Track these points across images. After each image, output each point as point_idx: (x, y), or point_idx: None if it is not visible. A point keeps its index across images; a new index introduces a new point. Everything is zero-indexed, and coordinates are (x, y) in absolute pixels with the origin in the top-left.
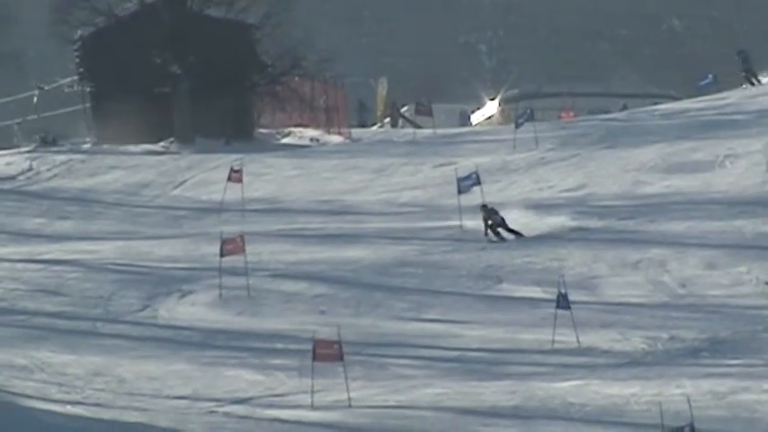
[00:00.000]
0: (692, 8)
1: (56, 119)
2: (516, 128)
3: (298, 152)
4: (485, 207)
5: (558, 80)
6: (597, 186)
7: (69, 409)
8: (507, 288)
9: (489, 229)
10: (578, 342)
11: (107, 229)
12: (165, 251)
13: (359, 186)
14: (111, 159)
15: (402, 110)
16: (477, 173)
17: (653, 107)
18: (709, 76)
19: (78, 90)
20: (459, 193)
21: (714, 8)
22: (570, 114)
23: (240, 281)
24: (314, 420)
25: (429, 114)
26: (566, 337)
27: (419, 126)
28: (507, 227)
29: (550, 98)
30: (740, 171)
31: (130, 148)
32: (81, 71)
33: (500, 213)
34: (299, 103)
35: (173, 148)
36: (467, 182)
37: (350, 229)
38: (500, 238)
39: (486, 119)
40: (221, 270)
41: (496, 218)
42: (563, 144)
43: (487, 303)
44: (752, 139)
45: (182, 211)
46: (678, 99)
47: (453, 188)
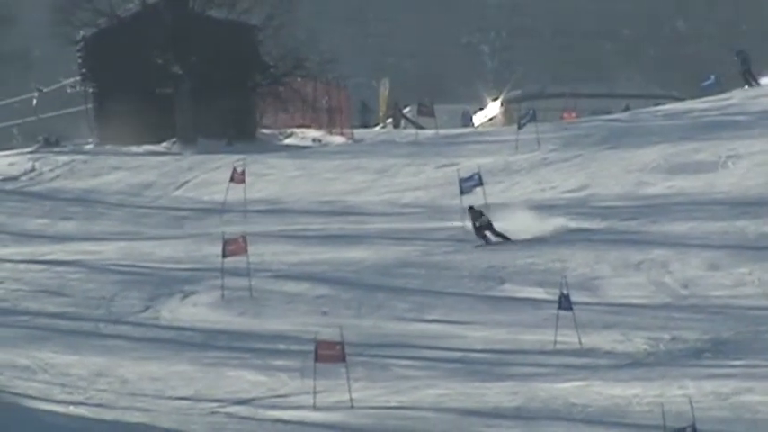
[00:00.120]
0: (695, 9)
1: (58, 119)
2: (519, 129)
3: (300, 153)
4: (471, 209)
5: (561, 81)
6: (599, 187)
7: (72, 409)
8: (509, 289)
9: (475, 231)
10: (580, 343)
11: (109, 230)
12: (168, 252)
13: (361, 187)
14: (114, 160)
15: (404, 110)
16: (480, 174)
17: (656, 108)
18: (712, 76)
19: (81, 91)
20: (462, 193)
21: (717, 9)
22: (573, 115)
23: (242, 281)
24: (316, 421)
25: (431, 115)
26: (568, 338)
27: (421, 127)
28: (494, 230)
29: (553, 99)
30: (743, 172)
31: (133, 149)
32: (83, 72)
33: (486, 216)
34: (301, 103)
35: (175, 148)
36: (469, 183)
37: (352, 229)
38: (486, 240)
39: (489, 120)
40: (223, 271)
41: (483, 220)
42: (565, 145)
43: (490, 304)
44: (754, 140)
45: (184, 212)
46: (681, 100)
47: (456, 189)
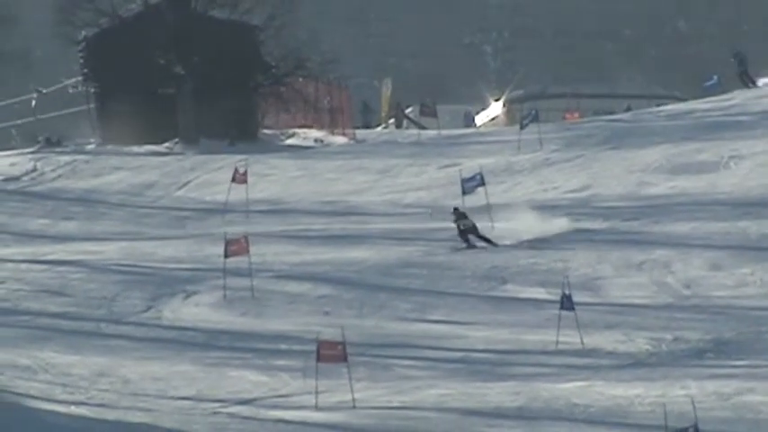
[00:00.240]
0: (697, 9)
1: (60, 119)
2: (521, 129)
3: (302, 153)
4: (456, 211)
5: (563, 81)
6: (602, 187)
7: (73, 409)
8: (512, 289)
9: (459, 234)
10: (582, 343)
11: (111, 230)
12: (169, 252)
13: (363, 187)
14: (116, 160)
15: (406, 111)
16: (482, 174)
17: (658, 108)
18: (714, 77)
19: (82, 91)
20: (464, 194)
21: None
22: (575, 115)
23: (244, 282)
24: (318, 421)
25: (433, 115)
26: (570, 338)
27: (423, 127)
28: (478, 233)
29: (555, 99)
30: (745, 172)
31: (134, 149)
32: (85, 72)
33: (470, 219)
34: (303, 103)
35: (177, 148)
36: (471, 183)
37: (354, 229)
38: (469, 244)
39: (491, 120)
40: (225, 271)
41: (467, 223)
42: (568, 145)
43: (492, 304)
44: (757, 140)
45: (186, 212)
46: (683, 100)
47: (458, 189)
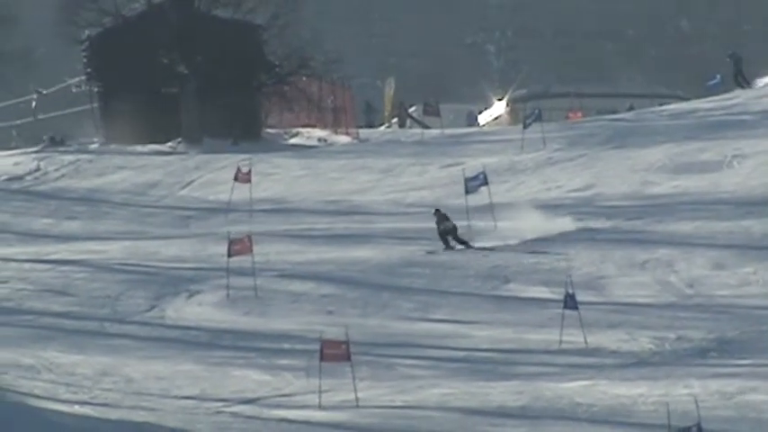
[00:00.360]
0: (699, 8)
1: (63, 119)
2: (524, 128)
3: (305, 152)
4: (438, 212)
5: (566, 81)
6: (605, 186)
7: (77, 408)
8: (515, 288)
9: (439, 235)
10: (586, 342)
11: (114, 229)
12: (173, 251)
13: (366, 186)
14: (119, 159)
15: (410, 110)
16: (485, 173)
17: (661, 107)
18: (717, 76)
19: (86, 90)
20: (467, 193)
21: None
22: (578, 115)
23: (248, 281)
24: (321, 420)
25: (437, 115)
26: (573, 338)
27: (427, 126)
28: (457, 236)
29: (558, 98)
30: (748, 171)
31: (138, 148)
32: (88, 71)
33: (451, 221)
34: (306, 103)
35: (180, 148)
36: (474, 182)
37: (357, 229)
38: (447, 246)
39: (494, 119)
40: (229, 270)
41: (447, 224)
42: (571, 144)
43: (495, 304)
44: (759, 140)
45: (189, 212)
46: (686, 99)
47: (461, 188)
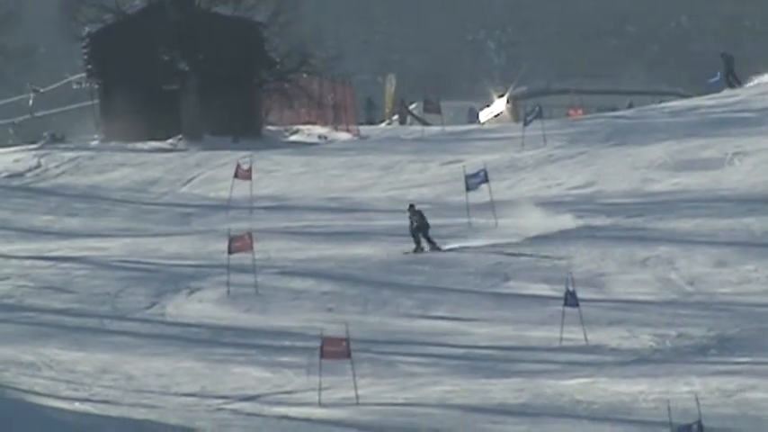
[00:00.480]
0: (700, 5)
1: (63, 116)
2: (525, 125)
3: (305, 149)
4: (412, 208)
5: (567, 77)
6: (605, 184)
7: (78, 406)
8: (515, 285)
9: (411, 232)
10: (586, 339)
11: (115, 226)
12: (173, 248)
13: (367, 184)
14: (119, 156)
15: (410, 107)
16: (486, 170)
17: (662, 104)
18: (718, 73)
19: (86, 87)
20: (468, 190)
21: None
22: (578, 112)
23: (248, 278)
24: (322, 417)
25: (437, 112)
26: (574, 335)
27: (427, 123)
28: (427, 235)
29: (559, 95)
30: (749, 168)
31: (138, 145)
32: (89, 68)
33: (426, 219)
34: (306, 100)
35: (181, 145)
36: (475, 179)
37: (358, 226)
38: (418, 246)
39: (495, 116)
40: (229, 267)
41: (422, 222)
42: (571, 141)
43: (495, 301)
44: (761, 137)
45: (190, 209)
46: (687, 96)
47: (461, 185)
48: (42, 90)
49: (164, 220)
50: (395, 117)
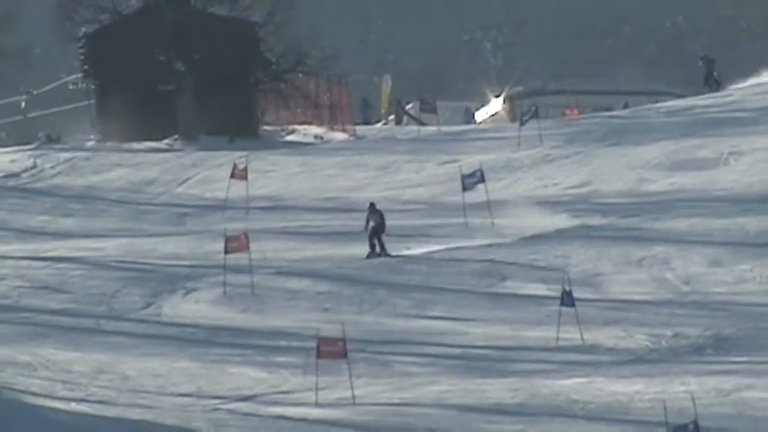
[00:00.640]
0: (696, 5)
1: (59, 116)
2: (521, 125)
3: (302, 149)
4: (372, 206)
5: (563, 77)
6: (601, 184)
7: (74, 406)
8: (511, 285)
9: (368, 236)
10: (582, 339)
11: (111, 227)
12: (170, 248)
13: (363, 183)
14: (115, 157)
15: (406, 107)
16: (482, 170)
17: (657, 104)
18: (715, 73)
19: (82, 87)
20: (464, 190)
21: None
22: (574, 112)
23: (244, 278)
24: (318, 417)
25: (433, 112)
26: (570, 335)
27: (423, 123)
28: (380, 237)
29: (555, 95)
30: (744, 168)
31: (134, 146)
32: (85, 68)
33: (384, 221)
34: (303, 100)
35: (177, 145)
36: (471, 179)
37: (354, 226)
38: (372, 251)
39: (491, 116)
40: (225, 267)
41: (380, 223)
42: (567, 141)
43: (491, 301)
44: (756, 137)
45: (186, 209)
46: (682, 96)
47: (457, 185)
48: (35, 92)
49: (160, 220)
50: (391, 117)
